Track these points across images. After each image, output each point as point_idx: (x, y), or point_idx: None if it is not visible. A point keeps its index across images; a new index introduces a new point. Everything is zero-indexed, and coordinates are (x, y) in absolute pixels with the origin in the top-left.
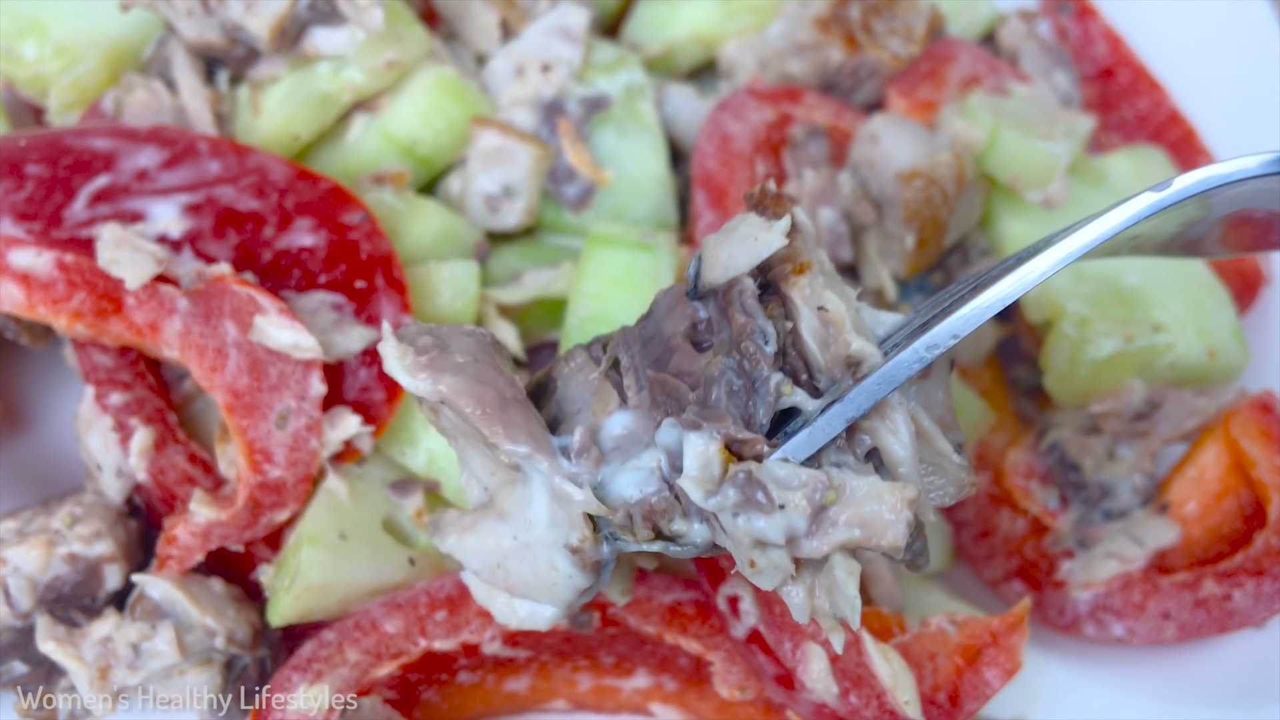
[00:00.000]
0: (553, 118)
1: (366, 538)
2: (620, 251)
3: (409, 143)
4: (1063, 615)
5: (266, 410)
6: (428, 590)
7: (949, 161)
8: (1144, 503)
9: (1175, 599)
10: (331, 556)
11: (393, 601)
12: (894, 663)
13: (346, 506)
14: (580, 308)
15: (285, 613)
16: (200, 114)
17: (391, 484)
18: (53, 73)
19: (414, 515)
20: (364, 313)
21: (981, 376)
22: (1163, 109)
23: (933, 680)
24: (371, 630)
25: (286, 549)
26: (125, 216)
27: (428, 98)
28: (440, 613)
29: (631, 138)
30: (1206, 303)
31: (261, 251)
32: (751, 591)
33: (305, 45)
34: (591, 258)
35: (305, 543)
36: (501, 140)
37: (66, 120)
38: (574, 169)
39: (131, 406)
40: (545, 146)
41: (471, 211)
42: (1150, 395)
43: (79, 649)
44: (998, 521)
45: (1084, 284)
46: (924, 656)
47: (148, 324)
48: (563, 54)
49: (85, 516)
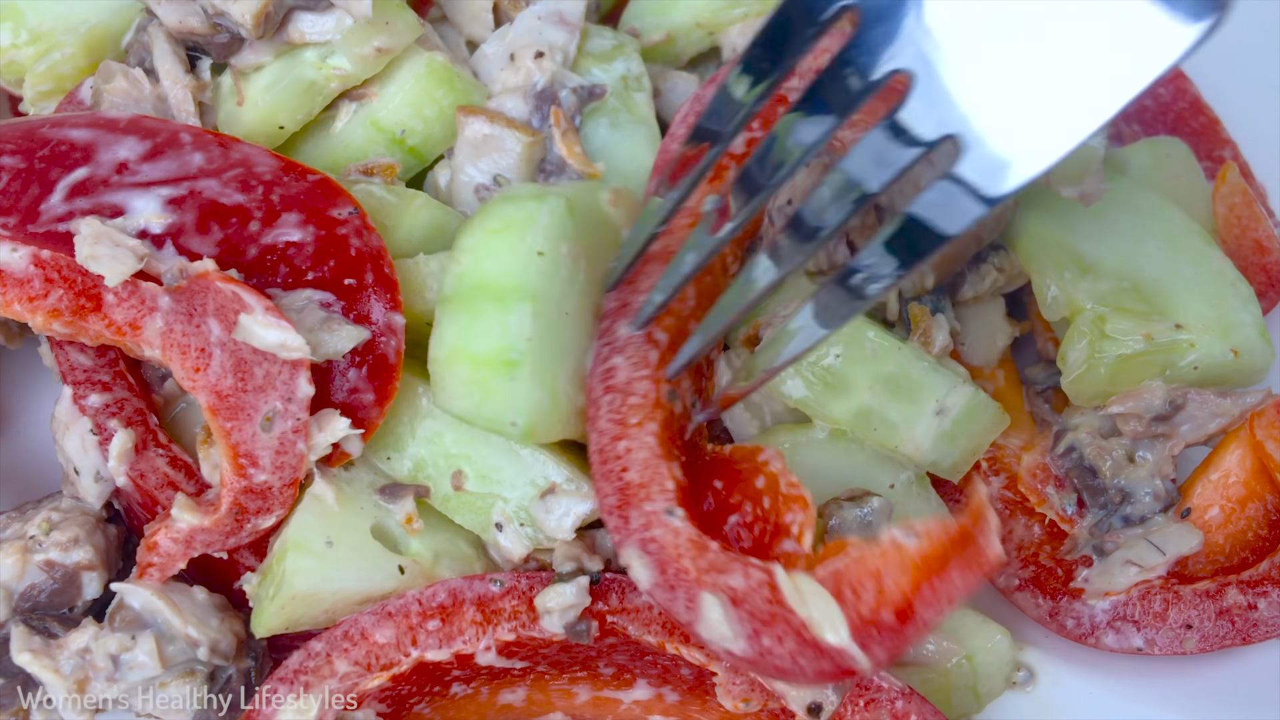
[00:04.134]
0: (544, 106)
1: (355, 545)
2: (505, 205)
3: (398, 132)
4: (1080, 624)
5: (252, 412)
6: (420, 599)
7: None
8: (1165, 508)
9: (1197, 608)
10: (318, 565)
11: (383, 610)
12: (811, 592)
13: (334, 512)
14: (454, 264)
15: (270, 623)
16: (182, 103)
17: (380, 489)
18: (28, 59)
19: (404, 521)
20: (353, 311)
21: (995, 376)
22: (1185, 97)
23: (875, 600)
24: (361, 640)
25: (271, 557)
26: (104, 210)
27: (417, 86)
28: (433, 622)
29: (625, 130)
30: (1230, 300)
31: (247, 247)
32: (642, 556)
33: (290, 31)
34: (480, 212)
35: (290, 550)
36: (490, 128)
37: (43, 109)
38: (564, 160)
39: (111, 408)
40: (535, 134)
41: (460, 203)
42: (1171, 396)
43: (56, 661)
44: (1012, 527)
45: (1102, 281)
46: (866, 576)
47: (128, 322)
48: (557, 41)
49: (63, 522)
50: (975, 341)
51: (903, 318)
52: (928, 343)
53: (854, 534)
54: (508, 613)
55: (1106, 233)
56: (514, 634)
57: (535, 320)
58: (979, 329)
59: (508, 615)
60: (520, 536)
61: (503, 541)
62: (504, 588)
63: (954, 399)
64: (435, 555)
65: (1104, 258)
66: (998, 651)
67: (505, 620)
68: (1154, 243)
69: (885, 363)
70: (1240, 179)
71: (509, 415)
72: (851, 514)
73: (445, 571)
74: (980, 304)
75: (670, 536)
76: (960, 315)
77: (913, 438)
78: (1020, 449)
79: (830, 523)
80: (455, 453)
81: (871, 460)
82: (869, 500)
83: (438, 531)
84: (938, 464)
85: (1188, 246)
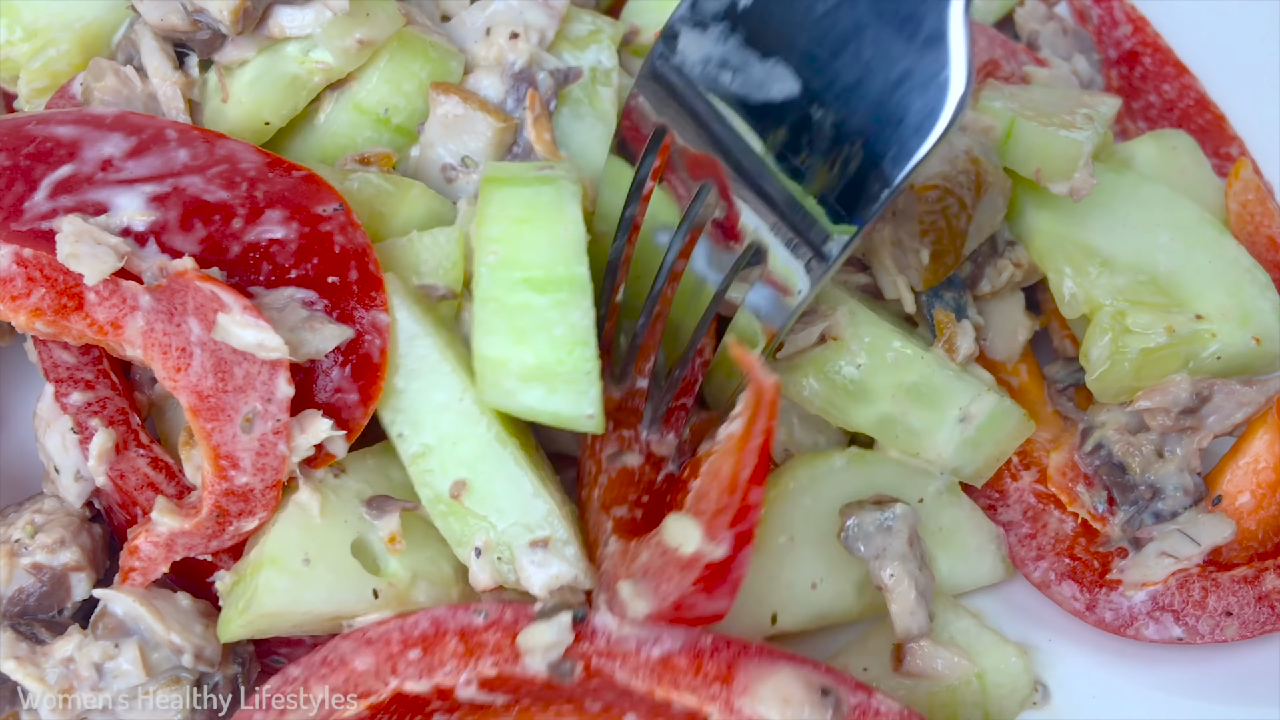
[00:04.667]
0: (521, 87)
1: (332, 563)
2: (519, 188)
3: (381, 112)
4: (1118, 616)
5: (232, 413)
6: (401, 626)
7: (966, 169)
8: (1195, 502)
9: (1236, 595)
10: (292, 584)
11: (363, 636)
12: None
13: (316, 525)
14: (487, 255)
15: (235, 632)
16: (171, 100)
17: (368, 500)
18: (23, 56)
19: (387, 539)
20: (336, 310)
21: (1018, 370)
22: (1190, 93)
23: (717, 493)
24: (340, 667)
25: (247, 565)
26: (88, 208)
27: (393, 61)
28: (414, 651)
29: (584, 122)
30: (1248, 288)
31: (230, 245)
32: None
33: (271, 26)
34: (490, 200)
35: (267, 565)
36: (463, 109)
37: (38, 106)
38: (531, 145)
39: (92, 406)
40: (508, 119)
41: (426, 180)
42: (1197, 388)
43: (41, 669)
44: (1046, 520)
45: (1119, 275)
46: (711, 479)
47: (109, 321)
48: (536, 22)
49: (47, 524)
50: (996, 336)
51: (924, 315)
52: (952, 350)
53: (873, 539)
54: (490, 646)
55: (1119, 227)
56: (496, 669)
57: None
58: (999, 323)
59: (490, 649)
60: (494, 569)
61: (474, 567)
62: (488, 619)
63: (978, 406)
64: (413, 576)
65: (1118, 252)
66: (1011, 673)
67: (488, 654)
68: (1167, 234)
69: (908, 372)
70: (1253, 175)
71: (583, 408)
72: (871, 516)
73: (421, 595)
74: (1000, 298)
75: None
76: (980, 310)
77: (935, 444)
78: (1049, 442)
79: (847, 522)
80: (466, 461)
81: (895, 477)
82: (893, 506)
83: (420, 550)
84: (960, 470)
85: (1201, 236)
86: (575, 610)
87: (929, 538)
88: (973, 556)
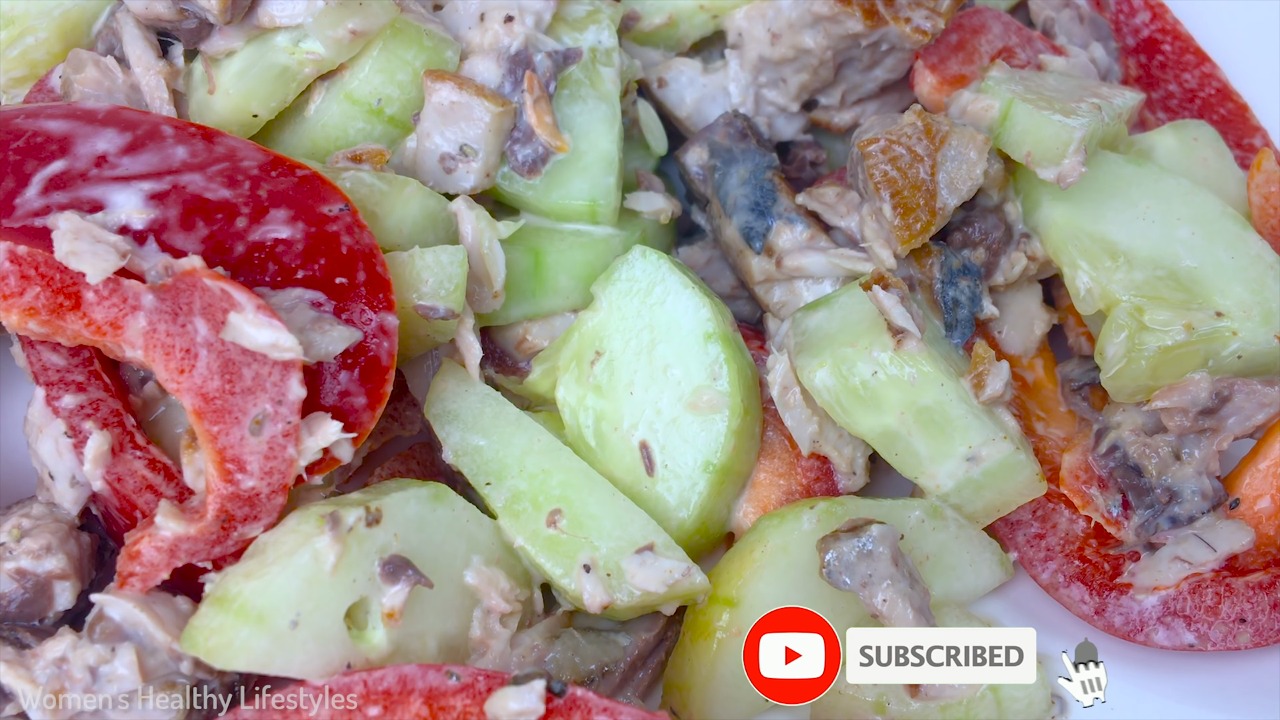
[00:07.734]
0: (518, 70)
1: (317, 631)
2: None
3: (374, 103)
4: (1128, 621)
5: (240, 415)
6: (366, 680)
7: (911, 120)
8: (1213, 507)
9: (1251, 601)
10: (270, 647)
11: (324, 685)
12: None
13: (323, 581)
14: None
15: (194, 652)
16: (155, 91)
17: (386, 560)
18: (0, 44)
19: (385, 615)
20: (345, 311)
21: (1034, 365)
22: (1212, 83)
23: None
24: (293, 716)
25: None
26: (83, 205)
27: (385, 50)
28: (374, 708)
29: (586, 104)
30: (1271, 284)
31: (233, 244)
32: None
33: (260, 15)
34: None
35: (252, 621)
36: (459, 95)
37: (15, 97)
38: (533, 129)
39: (86, 409)
40: (506, 103)
41: (424, 172)
42: (1217, 388)
43: (30, 670)
44: (1056, 520)
45: (1136, 270)
46: None
47: (109, 321)
48: (531, 5)
49: (34, 529)
50: (1012, 329)
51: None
52: (980, 386)
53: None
54: (457, 712)
55: (1138, 220)
56: None
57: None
58: (1016, 315)
59: (457, 715)
60: (605, 583)
61: (587, 585)
62: (460, 683)
63: (990, 451)
64: (395, 651)
65: (1136, 246)
66: (1027, 686)
67: None
68: (1187, 228)
69: (922, 394)
70: (1276, 167)
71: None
72: (849, 545)
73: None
74: (1017, 290)
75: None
76: (997, 301)
77: (936, 475)
78: (1062, 440)
79: (826, 556)
80: (558, 494)
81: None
82: (868, 529)
83: (413, 624)
84: (960, 508)
85: (1223, 230)
86: (553, 682)
87: (918, 567)
88: (967, 572)
